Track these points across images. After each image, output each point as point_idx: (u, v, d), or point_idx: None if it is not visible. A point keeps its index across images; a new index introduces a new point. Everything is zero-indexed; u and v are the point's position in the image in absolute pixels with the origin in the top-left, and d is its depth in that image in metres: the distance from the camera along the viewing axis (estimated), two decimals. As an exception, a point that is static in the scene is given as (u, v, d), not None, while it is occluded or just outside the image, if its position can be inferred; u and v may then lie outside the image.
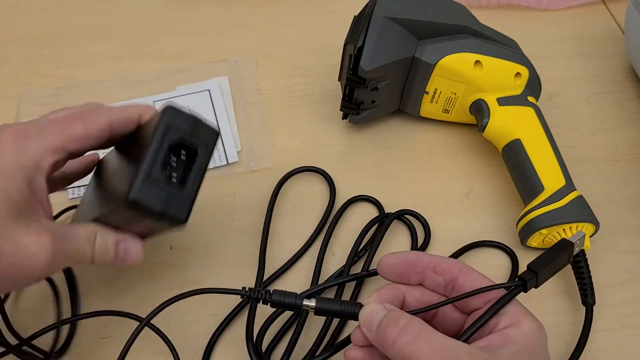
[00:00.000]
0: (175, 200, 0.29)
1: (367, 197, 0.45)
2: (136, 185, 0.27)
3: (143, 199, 0.28)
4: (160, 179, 0.28)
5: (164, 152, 0.28)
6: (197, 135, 0.29)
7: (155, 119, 0.30)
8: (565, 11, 0.61)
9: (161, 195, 0.28)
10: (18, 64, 0.56)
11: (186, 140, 0.29)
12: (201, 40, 0.58)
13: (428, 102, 0.48)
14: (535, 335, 0.29)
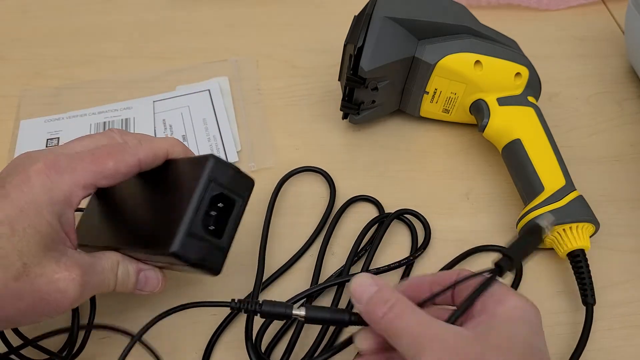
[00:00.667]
0: (213, 253, 0.30)
1: (367, 197, 0.45)
2: (178, 240, 0.28)
3: (184, 253, 0.29)
4: (200, 234, 0.29)
5: (205, 206, 0.29)
6: (235, 186, 0.30)
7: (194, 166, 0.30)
8: (565, 11, 0.61)
9: (200, 249, 0.29)
10: (18, 64, 0.56)
11: (226, 193, 0.30)
12: (201, 40, 0.58)
13: (428, 102, 0.48)
14: (519, 312, 0.29)
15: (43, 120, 0.51)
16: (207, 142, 0.49)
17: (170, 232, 0.29)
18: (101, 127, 0.51)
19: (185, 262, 0.29)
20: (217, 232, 0.30)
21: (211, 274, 0.31)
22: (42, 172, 0.29)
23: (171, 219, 0.29)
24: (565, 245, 0.40)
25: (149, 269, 0.33)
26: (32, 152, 0.31)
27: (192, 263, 0.29)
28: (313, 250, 0.43)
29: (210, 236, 0.30)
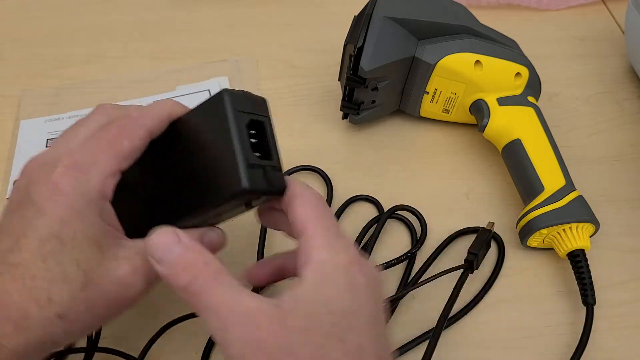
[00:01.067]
0: (274, 174, 0.29)
1: (366, 197, 0.45)
2: (244, 175, 0.27)
3: (254, 185, 0.27)
4: (257, 162, 0.28)
5: (246, 136, 0.28)
6: (256, 108, 0.30)
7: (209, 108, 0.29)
8: (565, 11, 0.61)
9: (263, 175, 0.28)
10: (18, 64, 0.57)
11: (254, 117, 0.29)
12: (201, 40, 0.58)
13: (428, 102, 0.48)
14: (320, 271, 0.26)
15: (43, 120, 0.51)
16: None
17: (227, 174, 0.28)
18: (101, 127, 0.51)
19: (259, 193, 0.28)
20: (266, 156, 0.29)
21: (279, 195, 0.29)
22: (67, 175, 0.27)
23: (219, 163, 0.28)
24: (565, 245, 0.40)
25: (208, 231, 0.31)
26: (40, 157, 0.29)
27: (264, 191, 0.28)
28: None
29: (264, 161, 0.29)
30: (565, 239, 0.40)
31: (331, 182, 0.46)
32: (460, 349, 0.38)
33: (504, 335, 0.39)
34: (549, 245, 0.42)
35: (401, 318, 0.40)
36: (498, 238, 0.43)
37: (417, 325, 0.39)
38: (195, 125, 0.30)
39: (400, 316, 0.40)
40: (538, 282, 0.41)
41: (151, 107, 0.31)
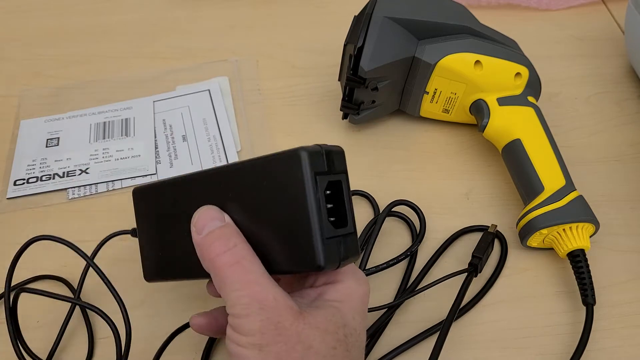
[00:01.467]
0: (348, 243, 0.27)
1: (362, 193, 0.45)
2: (319, 252, 0.26)
3: (330, 261, 0.26)
4: (332, 234, 0.26)
5: (323, 205, 0.26)
6: (333, 166, 0.27)
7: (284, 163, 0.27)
8: (565, 11, 0.61)
9: (338, 247, 0.27)
10: (18, 64, 0.57)
11: (331, 179, 0.27)
12: (201, 40, 0.58)
13: (428, 102, 0.48)
14: (348, 294, 0.28)
15: (43, 120, 0.51)
16: (207, 142, 0.49)
17: (302, 246, 0.26)
18: (101, 126, 0.51)
19: (335, 268, 0.27)
20: (340, 220, 0.27)
21: (354, 261, 0.29)
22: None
23: (293, 231, 0.26)
24: (565, 245, 0.40)
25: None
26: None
27: (339, 264, 0.27)
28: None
29: (339, 229, 0.27)
30: (565, 239, 0.40)
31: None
32: (461, 348, 0.38)
33: (504, 335, 0.39)
34: (549, 245, 0.42)
35: (401, 318, 0.40)
36: (502, 237, 0.43)
37: (418, 325, 0.39)
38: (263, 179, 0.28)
39: (401, 316, 0.40)
40: (538, 282, 0.42)
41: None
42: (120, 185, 0.47)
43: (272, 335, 0.25)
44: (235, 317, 0.26)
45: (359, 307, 0.29)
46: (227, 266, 0.27)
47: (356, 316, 0.28)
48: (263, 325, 0.25)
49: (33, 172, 0.47)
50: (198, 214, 0.29)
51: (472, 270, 0.40)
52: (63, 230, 0.45)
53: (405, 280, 0.41)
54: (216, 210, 0.29)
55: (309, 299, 0.29)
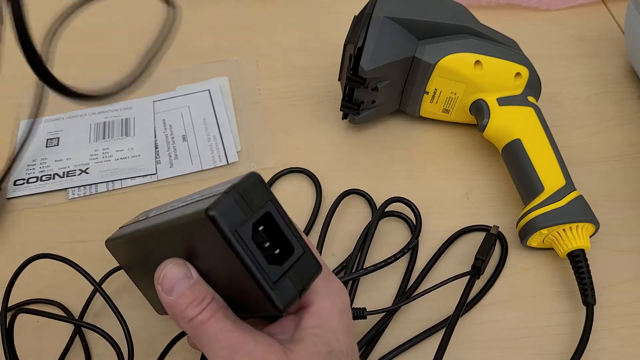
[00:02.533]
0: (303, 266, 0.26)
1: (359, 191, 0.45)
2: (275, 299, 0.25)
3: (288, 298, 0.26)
4: (280, 271, 0.25)
5: (256, 251, 0.25)
6: (252, 202, 0.25)
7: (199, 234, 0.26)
8: (565, 11, 0.61)
9: (293, 282, 0.26)
10: (18, 64, 0.56)
11: (254, 219, 0.25)
12: (201, 40, 0.58)
13: (428, 102, 0.48)
14: (325, 316, 0.28)
15: (43, 120, 0.51)
16: (207, 142, 0.49)
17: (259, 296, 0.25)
18: (101, 127, 0.51)
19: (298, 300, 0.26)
20: (286, 250, 0.26)
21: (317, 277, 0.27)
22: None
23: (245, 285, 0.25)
24: (565, 245, 0.40)
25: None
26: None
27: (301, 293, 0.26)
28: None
29: (287, 260, 0.26)
30: (565, 239, 0.40)
31: (319, 182, 0.46)
32: (460, 348, 0.38)
33: (504, 335, 0.39)
34: (549, 245, 0.42)
35: (401, 318, 0.40)
36: (502, 238, 0.43)
37: (419, 325, 0.39)
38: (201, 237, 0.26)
39: (401, 316, 0.40)
40: (538, 282, 0.42)
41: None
42: (120, 185, 0.47)
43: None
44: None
45: (340, 325, 0.28)
46: (203, 324, 0.26)
47: (340, 337, 0.27)
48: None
49: (33, 172, 0.48)
50: (162, 272, 0.27)
51: (474, 272, 0.40)
52: (63, 230, 0.45)
53: (406, 281, 0.41)
54: (182, 265, 0.27)
55: (289, 331, 0.28)
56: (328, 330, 0.27)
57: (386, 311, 0.38)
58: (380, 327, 0.39)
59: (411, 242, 0.42)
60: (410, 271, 0.42)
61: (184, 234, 0.27)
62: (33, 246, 0.44)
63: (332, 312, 0.28)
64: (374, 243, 0.43)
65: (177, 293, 0.26)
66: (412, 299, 0.39)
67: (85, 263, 0.42)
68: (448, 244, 0.43)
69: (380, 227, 0.44)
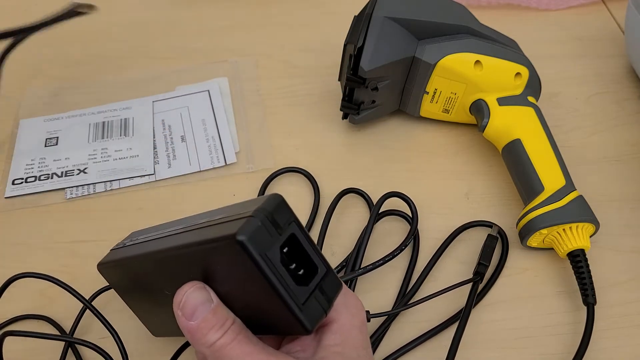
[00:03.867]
0: (327, 287, 0.27)
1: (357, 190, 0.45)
2: (304, 320, 0.25)
3: (314, 319, 0.26)
4: (306, 293, 0.26)
5: (285, 274, 0.25)
6: (278, 224, 0.25)
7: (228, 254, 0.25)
8: (565, 11, 0.61)
9: (318, 302, 0.26)
10: (18, 64, 0.56)
11: (280, 241, 0.25)
12: (201, 40, 0.58)
13: (428, 102, 0.48)
14: (346, 333, 0.28)
15: (42, 119, 0.51)
16: (206, 143, 0.49)
17: (287, 319, 0.25)
18: (100, 126, 0.51)
19: (324, 318, 0.27)
20: (310, 269, 0.26)
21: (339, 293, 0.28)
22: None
23: (273, 309, 0.26)
24: (565, 245, 0.40)
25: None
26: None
27: (326, 312, 0.27)
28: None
29: (311, 280, 0.26)
30: (565, 239, 0.40)
31: (317, 182, 0.46)
32: (460, 348, 0.38)
33: (504, 335, 0.39)
34: (549, 245, 0.41)
35: (402, 318, 0.40)
36: (504, 237, 0.43)
37: (421, 326, 0.39)
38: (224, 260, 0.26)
39: (401, 316, 0.40)
40: (538, 282, 0.41)
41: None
42: (118, 186, 0.47)
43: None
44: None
45: (360, 341, 0.28)
46: (225, 347, 0.26)
47: (360, 352, 0.28)
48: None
49: (31, 172, 0.47)
50: (184, 297, 0.27)
51: (478, 279, 0.40)
52: (60, 230, 0.44)
53: (407, 280, 0.41)
54: (202, 289, 0.27)
55: (309, 350, 0.28)
56: (349, 347, 0.27)
57: (388, 314, 0.38)
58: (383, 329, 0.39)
59: (408, 238, 0.41)
60: (411, 271, 0.42)
61: (204, 257, 0.27)
62: (31, 246, 0.44)
63: (353, 328, 0.28)
64: (376, 243, 0.43)
65: (198, 317, 0.26)
66: (415, 304, 0.38)
67: (83, 263, 0.43)
68: (448, 242, 0.43)
69: (381, 228, 0.44)
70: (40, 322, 0.40)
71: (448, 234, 0.43)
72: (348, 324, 0.28)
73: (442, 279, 0.41)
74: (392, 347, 0.38)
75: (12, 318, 0.39)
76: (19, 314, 0.40)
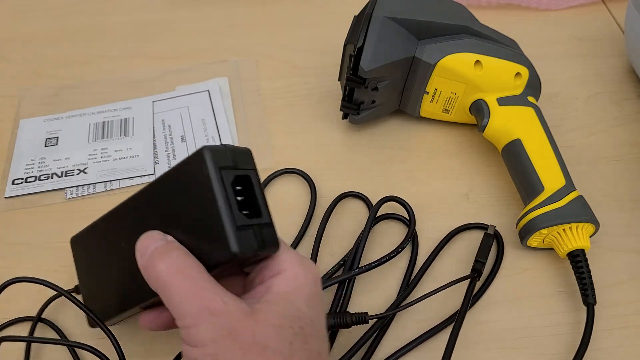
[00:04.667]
0: (264, 232, 0.28)
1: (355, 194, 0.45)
2: (232, 240, 0.26)
3: (244, 248, 0.26)
4: (246, 222, 0.27)
5: (232, 196, 0.27)
6: (239, 162, 0.28)
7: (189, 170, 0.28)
8: (565, 11, 0.61)
9: (254, 235, 0.27)
10: (18, 64, 0.56)
11: (238, 173, 0.28)
12: (201, 40, 0.58)
13: (428, 102, 0.48)
14: (295, 283, 0.28)
15: (42, 119, 0.51)
16: (206, 143, 0.49)
17: (216, 239, 0.26)
18: (100, 126, 0.51)
19: (250, 256, 0.27)
20: (255, 212, 0.28)
21: (273, 252, 0.29)
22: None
23: (206, 228, 0.27)
24: (565, 245, 0.40)
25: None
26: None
27: (256, 253, 0.27)
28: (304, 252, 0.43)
29: (253, 219, 0.27)
30: (565, 239, 0.40)
31: (314, 183, 0.46)
32: (460, 348, 0.38)
33: (504, 335, 0.39)
34: (549, 245, 0.42)
35: (403, 317, 0.40)
36: (499, 237, 0.43)
37: (420, 325, 0.39)
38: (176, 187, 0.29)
39: (400, 315, 0.40)
40: (538, 282, 0.41)
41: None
42: (118, 186, 0.47)
43: (225, 342, 0.25)
44: (186, 329, 0.25)
45: (312, 294, 0.28)
46: (171, 277, 0.26)
47: (310, 304, 0.28)
48: (215, 333, 0.25)
49: (31, 172, 0.47)
50: (140, 240, 0.28)
51: (475, 275, 0.40)
52: (61, 230, 0.44)
53: (406, 281, 0.41)
54: (157, 232, 0.28)
55: (259, 296, 0.28)
56: (299, 296, 0.27)
57: (383, 316, 0.38)
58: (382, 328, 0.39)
59: (405, 241, 0.41)
60: (410, 271, 0.42)
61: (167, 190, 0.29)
62: (31, 246, 0.44)
63: (306, 280, 0.28)
64: (376, 244, 0.43)
65: (149, 251, 0.27)
66: (410, 305, 0.38)
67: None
68: (444, 243, 0.43)
69: (381, 229, 0.44)
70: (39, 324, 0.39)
71: (447, 234, 0.43)
72: (301, 276, 0.28)
73: (442, 279, 0.41)
74: (392, 347, 0.38)
75: (9, 321, 0.39)
76: (17, 316, 0.39)
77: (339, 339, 0.38)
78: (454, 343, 0.36)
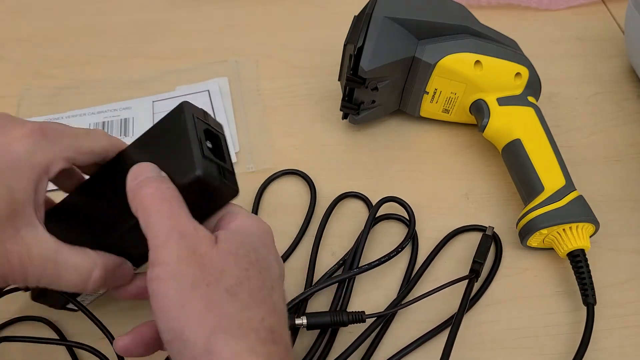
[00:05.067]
0: (227, 173, 0.31)
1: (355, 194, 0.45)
2: (198, 163, 0.29)
3: (208, 174, 0.29)
4: (211, 157, 0.30)
5: (202, 136, 0.30)
6: (212, 124, 0.32)
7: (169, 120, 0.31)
8: (565, 11, 0.61)
9: (217, 170, 0.30)
10: (18, 64, 0.56)
11: (210, 128, 0.31)
12: (201, 40, 0.58)
13: (428, 102, 0.48)
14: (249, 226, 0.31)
15: (42, 119, 0.51)
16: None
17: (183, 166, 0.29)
18: (100, 126, 0.51)
19: (211, 184, 0.29)
20: (220, 157, 0.31)
21: (233, 195, 0.31)
22: (28, 136, 0.28)
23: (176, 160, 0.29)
24: (565, 245, 0.40)
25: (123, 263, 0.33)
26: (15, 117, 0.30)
27: (218, 184, 0.29)
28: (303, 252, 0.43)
29: (218, 159, 0.30)
30: (565, 239, 0.40)
31: (314, 183, 0.46)
32: (460, 349, 0.38)
33: (504, 335, 0.39)
34: (549, 245, 0.42)
35: (402, 318, 0.40)
36: (497, 238, 0.43)
37: (418, 326, 0.39)
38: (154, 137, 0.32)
39: (401, 316, 0.40)
40: (538, 282, 0.41)
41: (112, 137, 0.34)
42: (119, 185, 0.47)
43: (187, 262, 0.27)
44: (156, 248, 0.27)
45: (265, 240, 0.31)
46: (155, 201, 0.28)
47: (264, 246, 0.30)
48: (180, 253, 0.27)
49: (32, 172, 0.47)
50: (137, 166, 0.30)
51: (473, 276, 0.40)
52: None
53: (406, 281, 0.41)
54: (154, 165, 0.30)
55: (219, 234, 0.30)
56: (253, 236, 0.30)
57: (381, 315, 0.38)
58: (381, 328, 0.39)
59: (405, 241, 0.41)
60: (410, 271, 0.42)
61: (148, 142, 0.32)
62: None
63: (259, 228, 0.31)
64: (376, 244, 0.43)
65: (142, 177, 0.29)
66: (408, 304, 0.39)
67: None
68: (443, 244, 0.43)
69: (381, 229, 0.44)
70: (38, 323, 0.39)
71: (447, 234, 0.43)
72: (254, 223, 0.31)
73: (442, 279, 0.41)
74: (392, 347, 0.38)
75: (9, 320, 0.39)
76: (17, 316, 0.39)
77: (339, 339, 0.38)
78: (452, 345, 0.36)
